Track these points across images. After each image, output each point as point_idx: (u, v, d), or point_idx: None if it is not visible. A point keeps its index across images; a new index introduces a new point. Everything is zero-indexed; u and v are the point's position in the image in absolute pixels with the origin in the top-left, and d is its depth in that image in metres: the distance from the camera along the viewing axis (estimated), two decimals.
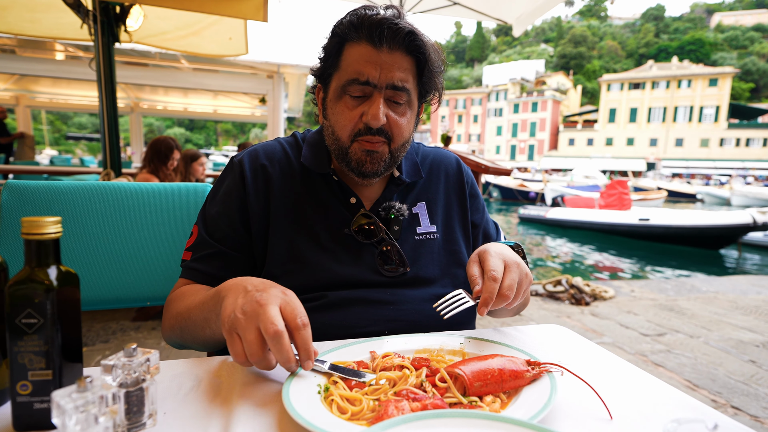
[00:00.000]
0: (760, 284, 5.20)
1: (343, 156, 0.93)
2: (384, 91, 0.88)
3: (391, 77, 0.87)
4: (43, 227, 0.54)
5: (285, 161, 1.00)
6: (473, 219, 1.10)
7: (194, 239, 0.96)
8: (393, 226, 0.97)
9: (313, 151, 1.00)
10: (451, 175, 1.11)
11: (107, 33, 3.18)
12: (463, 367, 0.61)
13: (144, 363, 0.55)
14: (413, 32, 0.88)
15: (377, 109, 0.87)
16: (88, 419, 0.46)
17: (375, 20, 0.86)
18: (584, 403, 0.61)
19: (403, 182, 1.01)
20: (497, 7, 4.35)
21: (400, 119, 0.91)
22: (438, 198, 1.06)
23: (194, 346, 0.87)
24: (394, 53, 0.88)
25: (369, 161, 0.90)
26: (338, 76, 0.91)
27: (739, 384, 2.57)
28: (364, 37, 0.87)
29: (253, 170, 0.97)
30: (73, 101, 9.22)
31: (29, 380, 0.54)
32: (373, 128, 0.88)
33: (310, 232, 0.94)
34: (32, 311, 0.53)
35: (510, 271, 0.79)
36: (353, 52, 0.89)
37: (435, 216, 1.04)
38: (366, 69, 0.87)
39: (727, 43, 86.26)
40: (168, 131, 59.60)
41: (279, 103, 6.54)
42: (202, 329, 0.78)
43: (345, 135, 0.91)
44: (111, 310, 3.31)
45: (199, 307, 0.79)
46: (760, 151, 51.58)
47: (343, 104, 0.91)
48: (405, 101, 0.91)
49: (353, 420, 0.55)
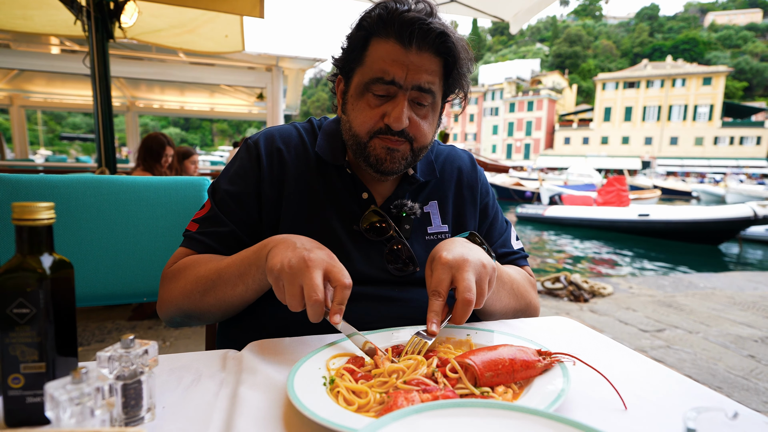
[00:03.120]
0: (756, 280, 5.22)
1: (360, 151, 0.90)
2: (409, 92, 0.85)
3: (418, 79, 0.83)
4: (35, 213, 0.51)
5: (301, 147, 0.97)
6: (483, 216, 1.08)
7: (205, 212, 0.94)
8: (404, 224, 0.95)
9: (328, 141, 0.97)
10: (465, 172, 1.08)
11: (101, 30, 3.14)
12: (474, 357, 0.59)
13: (142, 355, 0.53)
14: (445, 33, 0.83)
15: (401, 111, 0.83)
16: (83, 412, 0.43)
17: (407, 18, 0.81)
18: (597, 393, 0.59)
19: (417, 181, 0.98)
20: (495, 5, 4.34)
21: (422, 122, 0.88)
22: (450, 197, 1.04)
23: (206, 314, 0.85)
24: (422, 54, 0.83)
25: (389, 160, 0.87)
26: (362, 72, 0.87)
27: (739, 379, 2.57)
28: (393, 35, 0.83)
29: (268, 153, 0.94)
30: (68, 100, 9.13)
31: (21, 373, 0.51)
32: (394, 130, 0.85)
33: (321, 224, 0.92)
34: (24, 301, 0.51)
35: (462, 270, 0.72)
36: (380, 48, 0.84)
37: (446, 215, 1.02)
38: (392, 69, 0.83)
39: (720, 43, 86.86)
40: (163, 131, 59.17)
41: (278, 99, 6.49)
42: (234, 286, 0.79)
43: (363, 131, 0.88)
44: (107, 310, 3.27)
45: (234, 264, 0.79)
46: (754, 149, 51.98)
47: (364, 102, 0.87)
48: (429, 103, 0.88)
49: (360, 412, 0.53)
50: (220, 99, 9.15)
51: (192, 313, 0.86)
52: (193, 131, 72.32)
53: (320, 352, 0.67)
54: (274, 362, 0.68)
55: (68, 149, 48.11)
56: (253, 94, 7.92)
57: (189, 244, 0.92)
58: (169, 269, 0.90)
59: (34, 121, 40.34)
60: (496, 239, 1.08)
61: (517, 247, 1.09)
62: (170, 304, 0.87)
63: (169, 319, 0.88)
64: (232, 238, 0.91)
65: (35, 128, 42.75)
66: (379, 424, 0.39)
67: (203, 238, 0.91)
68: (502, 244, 1.08)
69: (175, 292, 0.86)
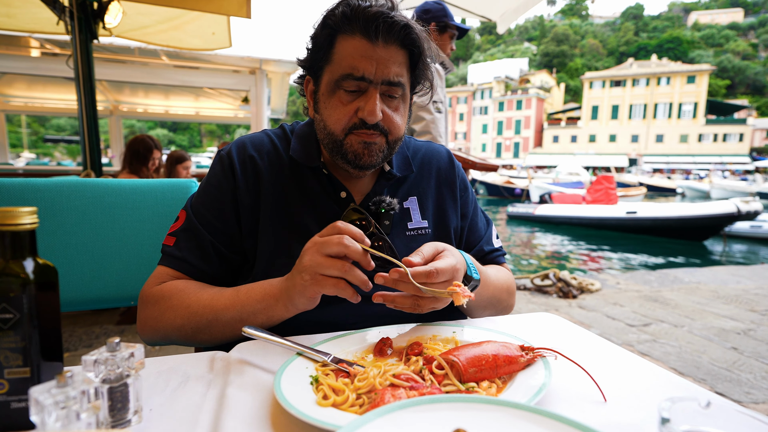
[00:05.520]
0: (739, 274, 5.34)
1: (337, 149, 0.90)
2: (379, 86, 0.86)
3: (387, 72, 0.85)
4: (18, 218, 0.51)
5: (273, 153, 0.97)
6: (463, 212, 1.09)
7: (181, 224, 0.93)
8: (384, 220, 0.95)
9: (302, 144, 0.98)
10: (443, 169, 1.09)
11: (85, 30, 3.10)
12: (458, 354, 0.60)
13: (128, 358, 0.53)
14: (408, 26, 0.85)
15: (374, 105, 0.85)
16: (69, 416, 0.43)
17: (370, 13, 0.83)
18: (578, 386, 0.61)
19: (394, 176, 0.99)
20: (482, 5, 4.38)
21: (394, 114, 0.89)
22: (429, 193, 1.04)
23: (197, 344, 0.85)
24: (389, 47, 0.85)
25: (367, 153, 0.88)
26: (331, 70, 0.88)
27: (722, 371, 2.63)
28: (359, 31, 0.84)
29: (242, 162, 0.95)
30: (50, 104, 8.92)
31: (5, 378, 0.51)
32: (368, 124, 0.86)
33: (299, 227, 0.92)
34: (7, 306, 0.50)
35: (449, 257, 0.77)
36: (347, 45, 0.85)
37: (426, 211, 1.02)
38: (361, 64, 0.84)
39: (703, 41, 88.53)
40: (150, 132, 58.46)
41: (262, 102, 6.47)
42: (233, 329, 0.80)
43: (339, 129, 0.88)
44: (94, 314, 3.23)
45: (234, 308, 0.80)
46: (737, 146, 53.10)
47: (336, 99, 0.88)
48: (399, 95, 0.90)
49: (341, 409, 0.54)
50: (205, 103, 9.04)
51: (181, 343, 0.86)
52: (181, 132, 71.42)
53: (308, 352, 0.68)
54: (261, 363, 0.68)
55: (52, 151, 47.20)
56: (238, 97, 7.85)
57: (169, 262, 0.90)
58: (151, 291, 0.88)
59: (17, 123, 39.46)
60: (480, 236, 1.10)
61: (497, 245, 1.12)
62: (155, 331, 0.85)
63: (151, 342, 0.87)
64: (212, 250, 0.91)
65: (18, 131, 41.83)
66: (364, 421, 0.40)
67: (183, 255, 0.90)
68: (486, 241, 1.10)
69: (162, 322, 0.84)
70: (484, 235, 1.10)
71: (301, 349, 0.66)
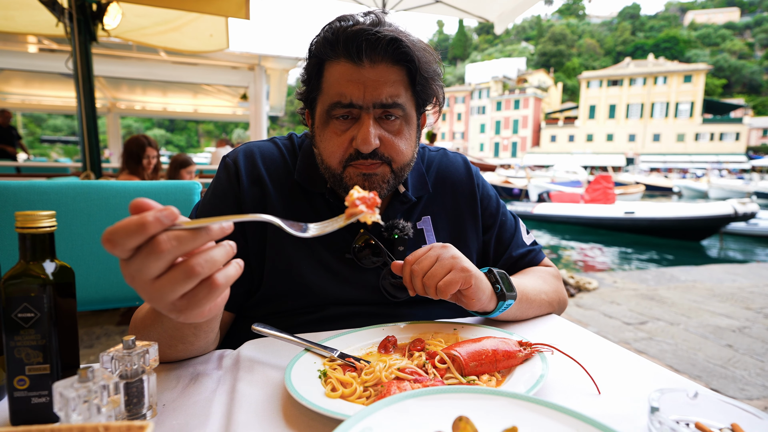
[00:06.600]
0: (734, 272, 5.39)
1: (338, 183, 0.84)
2: (372, 110, 0.79)
3: (378, 95, 0.78)
4: (38, 221, 0.53)
5: (282, 170, 0.92)
6: (487, 224, 1.03)
7: None
8: (398, 246, 0.90)
9: (307, 168, 0.92)
10: (460, 182, 1.02)
11: (84, 31, 3.11)
12: (459, 349, 0.63)
13: (143, 355, 0.55)
14: (396, 39, 0.77)
15: (367, 132, 0.78)
16: (90, 409, 0.46)
17: (350, 33, 0.76)
18: (574, 379, 0.64)
19: (410, 200, 0.93)
20: (479, 5, 4.41)
21: (395, 139, 0.82)
22: (445, 210, 0.99)
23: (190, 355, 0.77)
24: (377, 67, 0.78)
25: (368, 185, 0.81)
26: (322, 100, 0.83)
27: (717, 368, 2.67)
28: (342, 54, 0.78)
29: (249, 174, 0.90)
30: (47, 102, 8.90)
31: (27, 375, 0.53)
32: (364, 153, 0.79)
33: (310, 252, 0.87)
34: (28, 305, 0.53)
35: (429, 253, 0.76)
36: (333, 72, 0.80)
37: (441, 231, 0.97)
38: (348, 90, 0.78)
39: (700, 41, 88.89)
40: (147, 133, 58.28)
41: (261, 98, 6.48)
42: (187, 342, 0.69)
43: (335, 162, 0.82)
44: (95, 315, 3.24)
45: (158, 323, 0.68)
46: (733, 145, 53.37)
47: (330, 130, 0.82)
48: (400, 116, 0.82)
49: (349, 400, 0.57)
50: (203, 100, 9.05)
51: None
52: (178, 132, 71.29)
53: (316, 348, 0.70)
54: (269, 360, 0.71)
55: (49, 152, 46.96)
56: (236, 94, 7.85)
57: None
58: (134, 318, 0.76)
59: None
60: (509, 242, 1.04)
61: (529, 242, 1.06)
62: None
63: None
64: None
65: None
66: (373, 409, 0.42)
67: None
68: (516, 245, 1.04)
69: None
70: (512, 240, 1.04)
71: (309, 345, 0.69)
